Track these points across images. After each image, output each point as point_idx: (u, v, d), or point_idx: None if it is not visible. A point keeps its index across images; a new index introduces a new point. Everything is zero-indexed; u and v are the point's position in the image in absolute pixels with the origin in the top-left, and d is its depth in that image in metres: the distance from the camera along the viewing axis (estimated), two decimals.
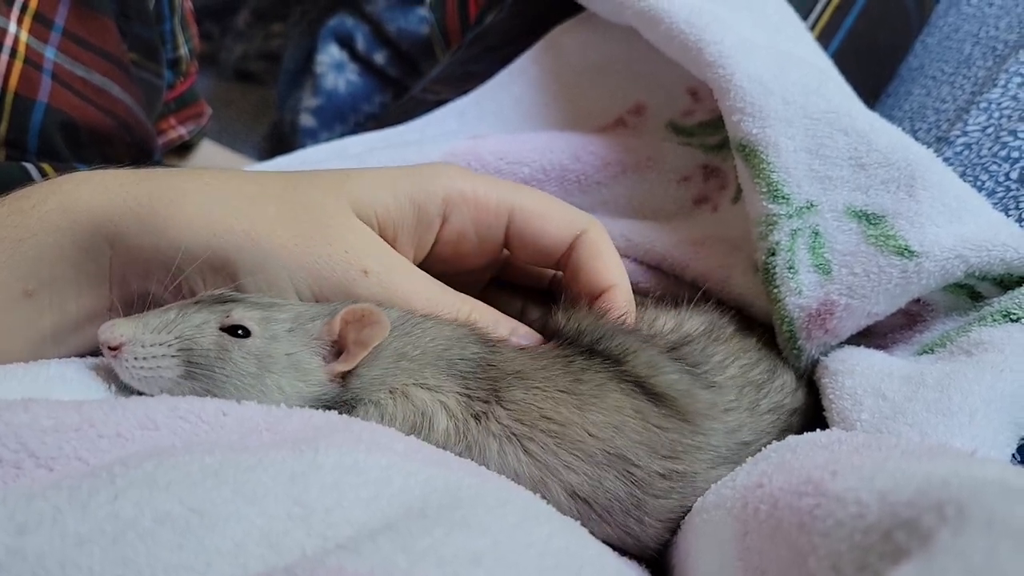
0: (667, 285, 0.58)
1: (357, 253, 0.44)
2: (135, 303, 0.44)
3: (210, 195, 0.44)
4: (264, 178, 0.47)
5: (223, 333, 0.40)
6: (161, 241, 0.43)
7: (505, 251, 0.51)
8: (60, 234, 0.43)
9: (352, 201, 0.46)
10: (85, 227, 0.43)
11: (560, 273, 0.51)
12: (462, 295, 0.46)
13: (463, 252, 0.49)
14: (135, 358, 0.39)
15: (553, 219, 0.48)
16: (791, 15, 0.66)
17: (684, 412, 0.42)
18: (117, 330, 0.39)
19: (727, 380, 0.46)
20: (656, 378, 0.43)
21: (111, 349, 0.39)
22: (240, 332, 0.40)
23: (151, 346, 0.39)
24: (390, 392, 0.42)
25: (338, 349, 0.42)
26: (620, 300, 0.48)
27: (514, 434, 0.41)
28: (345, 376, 0.42)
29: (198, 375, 0.39)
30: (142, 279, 0.44)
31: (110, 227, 0.43)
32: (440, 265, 0.49)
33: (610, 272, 0.48)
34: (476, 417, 0.41)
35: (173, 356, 0.39)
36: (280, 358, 0.40)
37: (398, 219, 0.46)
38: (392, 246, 0.47)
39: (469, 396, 0.42)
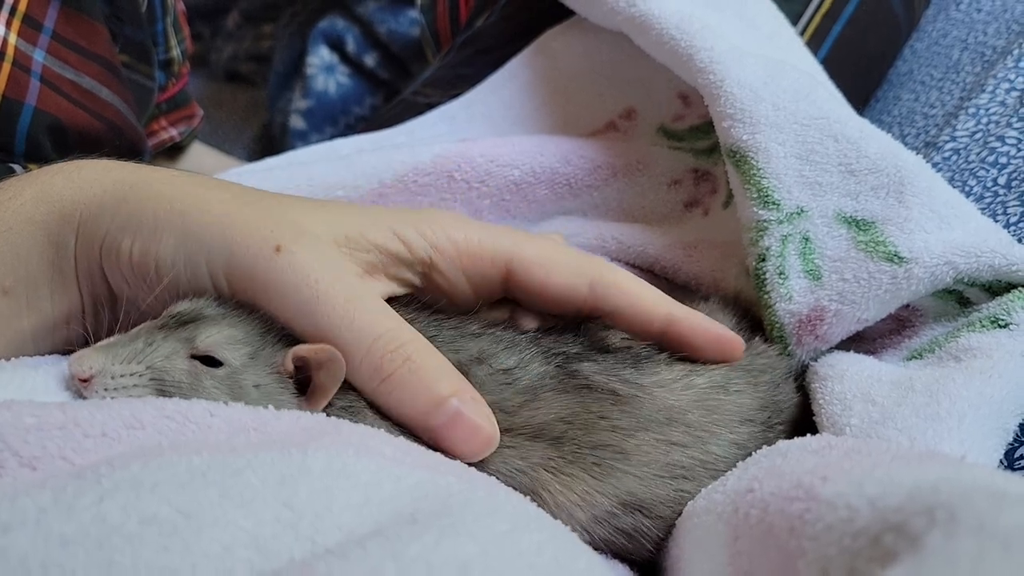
0: (660, 288, 0.58)
1: (280, 233, 0.40)
2: (105, 304, 0.43)
3: (174, 185, 0.43)
4: (238, 184, 0.45)
5: (194, 361, 0.40)
6: (112, 224, 0.42)
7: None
8: (34, 227, 0.42)
9: (324, 219, 0.42)
10: (55, 219, 0.42)
11: None
12: (401, 323, 0.40)
13: (457, 301, 0.46)
14: (105, 389, 0.39)
15: (557, 268, 0.45)
16: (782, 22, 0.66)
17: None
18: (86, 363, 0.39)
19: None
20: None
21: (82, 381, 0.39)
22: (212, 360, 0.40)
23: (121, 376, 0.39)
24: None
25: (301, 378, 0.40)
26: (698, 325, 0.45)
27: None
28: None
29: None
30: (100, 271, 0.43)
31: (75, 217, 0.42)
32: None
33: (654, 304, 0.45)
34: None
35: (144, 386, 0.39)
36: (249, 390, 0.40)
37: (377, 244, 0.43)
38: (367, 275, 0.43)
39: None
